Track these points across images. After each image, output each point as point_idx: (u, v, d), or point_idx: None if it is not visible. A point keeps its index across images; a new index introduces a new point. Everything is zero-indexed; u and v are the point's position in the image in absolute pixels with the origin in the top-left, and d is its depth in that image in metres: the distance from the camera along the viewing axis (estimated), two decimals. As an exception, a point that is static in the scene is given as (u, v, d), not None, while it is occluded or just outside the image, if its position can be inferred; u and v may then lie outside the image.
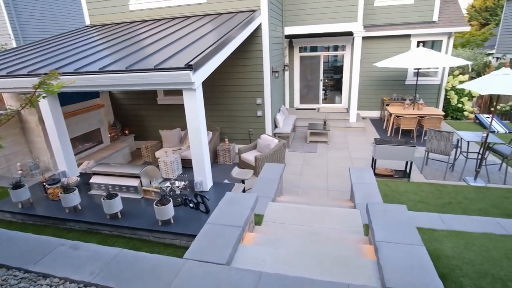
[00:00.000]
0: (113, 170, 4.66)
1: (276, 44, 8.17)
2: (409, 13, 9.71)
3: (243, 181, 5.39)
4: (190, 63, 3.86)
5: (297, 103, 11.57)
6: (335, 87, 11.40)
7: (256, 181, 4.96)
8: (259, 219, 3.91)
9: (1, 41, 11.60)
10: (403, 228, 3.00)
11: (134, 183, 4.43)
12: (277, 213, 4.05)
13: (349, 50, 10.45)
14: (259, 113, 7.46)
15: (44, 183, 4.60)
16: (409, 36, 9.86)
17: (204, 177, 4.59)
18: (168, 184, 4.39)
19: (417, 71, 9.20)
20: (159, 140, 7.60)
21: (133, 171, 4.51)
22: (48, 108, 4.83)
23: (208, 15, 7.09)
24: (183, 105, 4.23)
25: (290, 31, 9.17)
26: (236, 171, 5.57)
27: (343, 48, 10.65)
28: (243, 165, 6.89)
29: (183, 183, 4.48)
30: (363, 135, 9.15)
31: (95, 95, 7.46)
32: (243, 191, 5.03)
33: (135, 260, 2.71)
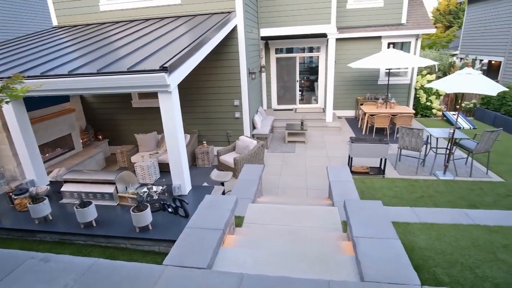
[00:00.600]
0: (86, 177, 4.48)
1: (252, 45, 8.20)
2: (380, 16, 10.13)
3: (222, 184, 5.36)
4: (165, 65, 3.79)
5: (274, 104, 11.68)
6: (311, 87, 11.63)
7: (235, 183, 4.95)
8: (239, 221, 3.90)
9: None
10: (379, 223, 3.11)
11: (109, 189, 4.29)
12: (257, 214, 4.06)
13: (323, 51, 10.70)
14: (237, 114, 7.45)
15: (10, 194, 4.35)
16: (380, 37, 10.27)
17: (182, 180, 4.52)
18: (145, 189, 4.27)
19: (388, 71, 9.58)
20: (135, 144, 7.38)
21: (108, 177, 4.37)
22: (13, 113, 4.57)
23: (182, 16, 6.99)
24: (159, 108, 4.15)
25: (265, 32, 9.25)
26: (215, 174, 5.52)
27: (318, 49, 10.89)
28: (222, 167, 6.85)
29: (160, 187, 4.38)
30: (340, 134, 9.38)
31: (65, 99, 7.13)
32: (223, 193, 5.00)
33: (112, 269, 2.62)
